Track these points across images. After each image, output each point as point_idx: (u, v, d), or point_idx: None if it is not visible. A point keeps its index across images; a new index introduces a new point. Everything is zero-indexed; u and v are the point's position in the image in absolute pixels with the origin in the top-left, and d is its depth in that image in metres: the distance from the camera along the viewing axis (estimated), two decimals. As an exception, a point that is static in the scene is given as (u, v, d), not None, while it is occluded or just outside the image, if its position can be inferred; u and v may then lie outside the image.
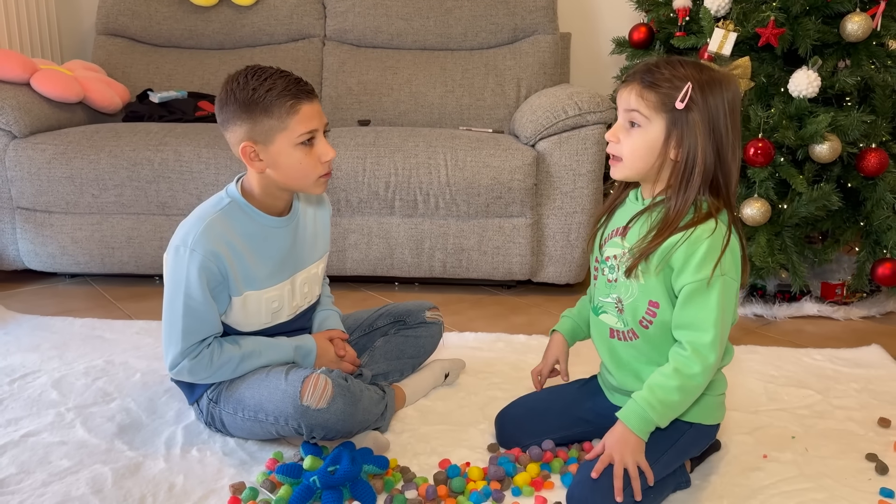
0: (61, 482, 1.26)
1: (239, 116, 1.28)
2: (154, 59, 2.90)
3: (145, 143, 2.25)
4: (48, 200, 2.27)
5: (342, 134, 2.32)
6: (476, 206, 2.22)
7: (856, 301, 2.22)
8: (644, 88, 1.15)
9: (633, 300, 1.22)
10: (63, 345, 1.85)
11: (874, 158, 2.01)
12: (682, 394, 1.15)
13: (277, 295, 1.39)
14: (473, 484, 1.25)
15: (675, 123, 1.14)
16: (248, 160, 1.31)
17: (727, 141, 1.15)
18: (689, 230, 1.14)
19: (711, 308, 1.14)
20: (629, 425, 1.15)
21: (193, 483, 1.26)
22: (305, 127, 1.28)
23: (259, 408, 1.30)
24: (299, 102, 1.27)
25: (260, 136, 1.28)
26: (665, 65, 1.16)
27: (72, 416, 1.49)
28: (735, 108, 1.16)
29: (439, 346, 1.66)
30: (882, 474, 1.31)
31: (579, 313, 1.42)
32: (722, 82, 1.15)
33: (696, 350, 1.15)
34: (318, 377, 1.27)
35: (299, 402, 1.25)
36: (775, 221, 2.06)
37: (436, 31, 2.84)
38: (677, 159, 1.15)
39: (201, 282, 1.27)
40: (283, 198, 1.38)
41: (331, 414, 1.25)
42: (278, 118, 1.27)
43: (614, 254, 1.24)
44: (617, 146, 1.19)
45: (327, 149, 1.32)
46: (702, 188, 1.15)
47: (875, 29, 2.02)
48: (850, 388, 1.65)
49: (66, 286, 2.39)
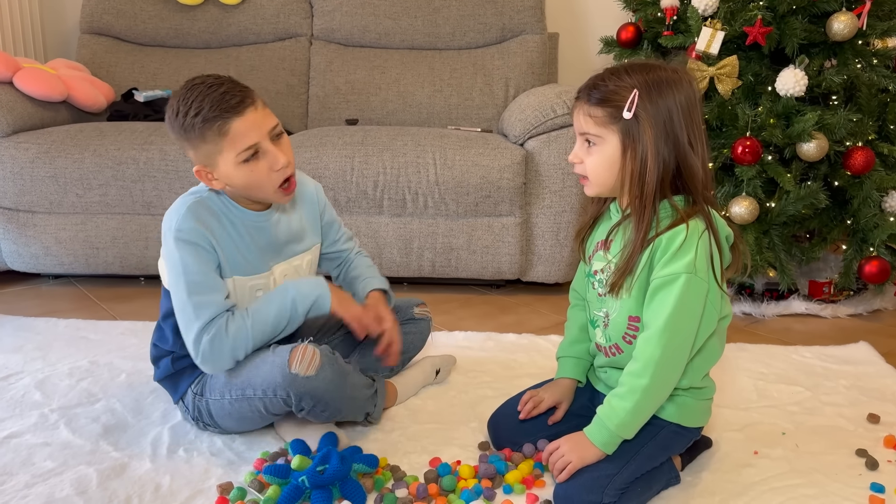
0: (45, 483, 1.23)
1: (182, 144, 1.29)
2: (139, 58, 2.87)
3: (130, 143, 2.23)
4: (31, 200, 2.24)
5: (330, 133, 2.30)
6: (465, 206, 2.21)
7: (843, 299, 2.23)
8: (591, 106, 1.15)
9: (617, 315, 1.21)
10: (47, 346, 1.82)
11: (860, 157, 2.03)
12: (637, 412, 1.15)
13: (263, 284, 1.37)
14: (465, 482, 1.24)
15: (628, 133, 1.12)
16: (205, 181, 1.31)
17: (684, 139, 1.12)
18: (668, 232, 1.13)
19: (668, 304, 1.12)
20: (593, 441, 1.17)
21: (180, 483, 1.24)
22: (240, 145, 1.24)
23: (247, 383, 1.29)
24: (227, 122, 1.22)
25: (204, 159, 1.27)
26: (609, 76, 1.14)
27: (56, 416, 1.46)
28: (692, 104, 1.13)
29: (428, 343, 1.64)
30: (872, 469, 1.31)
31: (573, 346, 1.37)
32: (672, 81, 1.13)
33: (642, 349, 1.14)
34: (305, 347, 1.26)
35: (287, 370, 1.23)
36: (763, 220, 2.07)
37: (424, 31, 2.83)
38: (633, 167, 1.13)
39: (196, 257, 1.26)
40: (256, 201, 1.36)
41: (319, 381, 1.24)
42: (212, 142, 1.24)
43: (601, 267, 1.24)
44: (581, 166, 1.19)
45: (276, 156, 1.26)
46: (661, 192, 1.13)
47: (861, 28, 2.03)
48: (839, 385, 1.65)
49: (50, 287, 2.36)
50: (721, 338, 1.24)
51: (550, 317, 2.15)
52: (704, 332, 1.17)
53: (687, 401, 1.22)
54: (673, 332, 1.12)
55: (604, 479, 1.14)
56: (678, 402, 1.21)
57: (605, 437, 1.16)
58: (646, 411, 1.17)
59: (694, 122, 1.14)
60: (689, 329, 1.14)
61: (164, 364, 1.40)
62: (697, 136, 1.14)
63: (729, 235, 1.20)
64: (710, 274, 1.14)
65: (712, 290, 1.15)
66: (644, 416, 1.17)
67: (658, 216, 1.14)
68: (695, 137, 1.14)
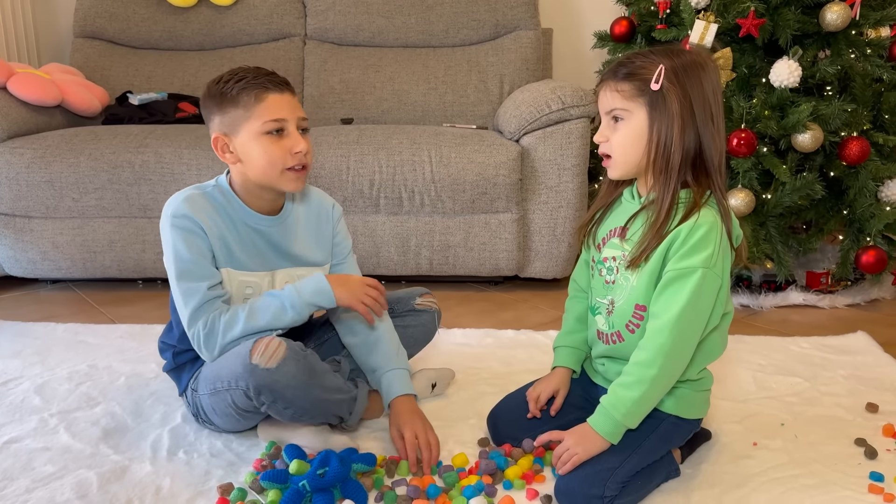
0: (45, 488, 1.23)
1: (212, 110, 1.31)
2: (133, 61, 2.87)
3: (126, 146, 2.23)
4: (27, 205, 2.23)
5: (325, 133, 2.30)
6: (461, 203, 2.21)
7: (841, 289, 2.23)
8: (618, 81, 1.15)
9: (623, 303, 1.21)
10: (45, 350, 1.82)
11: (856, 147, 2.03)
12: (643, 402, 1.15)
13: (254, 282, 1.36)
14: (466, 479, 1.24)
15: (655, 107, 1.13)
16: (220, 153, 1.32)
17: (708, 122, 1.13)
18: (690, 220, 1.12)
19: (682, 297, 1.12)
20: (599, 431, 1.16)
21: (180, 485, 1.24)
22: (270, 115, 1.27)
23: (217, 376, 1.27)
24: (266, 92, 1.28)
25: (228, 126, 1.30)
26: (637, 55, 1.16)
27: (55, 421, 1.46)
28: (715, 88, 1.14)
29: (436, 356, 1.59)
30: (871, 459, 1.31)
31: (569, 335, 1.37)
32: (698, 65, 1.14)
33: (652, 339, 1.14)
34: (271, 339, 1.23)
35: (248, 360, 1.20)
36: (759, 212, 2.07)
37: (417, 29, 2.83)
38: (658, 142, 1.13)
39: (188, 244, 1.27)
40: (263, 196, 1.36)
41: (280, 375, 1.20)
42: (244, 107, 1.28)
43: (613, 255, 1.23)
44: (606, 144, 1.19)
45: (298, 140, 1.29)
46: (684, 173, 1.14)
47: (854, 18, 2.03)
48: (837, 375, 1.66)
49: (48, 292, 2.36)
50: (723, 335, 1.24)
51: (549, 312, 2.15)
52: (708, 327, 1.18)
53: (685, 392, 1.22)
54: (685, 325, 1.13)
55: (605, 472, 1.14)
56: (677, 394, 1.21)
57: (611, 427, 1.16)
58: (651, 401, 1.17)
59: (717, 105, 1.15)
60: (700, 323, 1.15)
61: (167, 357, 1.42)
62: (718, 121, 1.15)
63: (739, 236, 1.19)
64: (725, 270, 1.15)
65: (724, 286, 1.16)
66: (649, 406, 1.17)
67: (678, 201, 1.14)
68: (715, 122, 1.14)
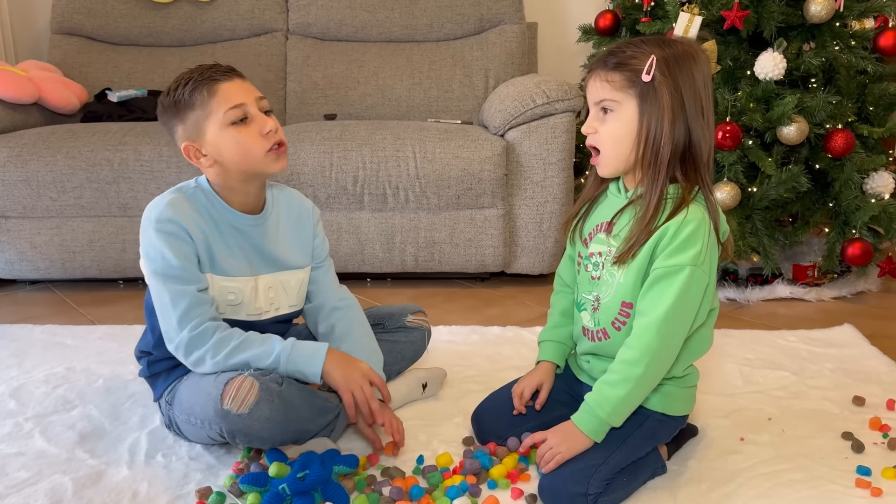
0: (19, 494, 1.20)
1: (172, 122, 1.29)
2: (112, 57, 2.82)
3: (104, 143, 2.19)
4: (4, 205, 2.19)
5: (308, 129, 2.27)
6: (446, 199, 2.19)
7: (827, 282, 2.23)
8: (609, 71, 1.13)
9: (609, 300, 1.19)
10: (22, 352, 1.79)
11: (841, 139, 2.02)
12: (628, 401, 1.14)
13: (237, 288, 1.33)
14: (450, 479, 1.22)
15: (646, 99, 1.10)
16: (194, 161, 1.29)
17: (698, 114, 1.11)
18: (678, 217, 1.11)
19: (670, 295, 1.10)
20: (583, 429, 1.15)
21: (158, 490, 1.22)
22: (228, 103, 1.25)
23: (190, 411, 1.25)
24: (216, 84, 1.25)
25: (193, 132, 1.27)
26: (628, 44, 1.13)
27: (30, 425, 1.43)
28: (706, 80, 1.12)
29: (423, 356, 1.57)
30: (858, 452, 1.30)
31: (554, 330, 1.35)
32: (690, 55, 1.12)
33: (638, 337, 1.12)
34: (244, 379, 1.18)
35: (220, 405, 1.17)
36: (745, 205, 2.06)
37: (401, 23, 2.80)
38: (648, 134, 1.11)
39: (174, 249, 1.24)
40: (246, 192, 1.33)
41: (253, 420, 1.16)
42: (200, 106, 1.25)
43: (599, 250, 1.21)
44: (595, 136, 1.16)
45: (264, 121, 1.27)
46: (673, 168, 1.12)
47: (838, 10, 2.03)
48: (824, 368, 1.65)
49: (27, 293, 2.32)
50: (709, 331, 1.23)
51: (535, 308, 2.14)
52: (695, 324, 1.16)
53: (671, 389, 1.21)
54: (672, 324, 1.11)
55: (589, 469, 1.13)
56: (662, 391, 1.20)
57: (595, 425, 1.14)
58: (636, 400, 1.16)
59: (707, 97, 1.13)
60: (687, 321, 1.14)
61: (143, 363, 1.39)
62: (708, 115, 1.13)
63: (725, 231, 1.18)
64: (713, 267, 1.13)
65: (711, 283, 1.14)
66: (634, 404, 1.16)
67: (666, 197, 1.12)
68: (706, 115, 1.12)
